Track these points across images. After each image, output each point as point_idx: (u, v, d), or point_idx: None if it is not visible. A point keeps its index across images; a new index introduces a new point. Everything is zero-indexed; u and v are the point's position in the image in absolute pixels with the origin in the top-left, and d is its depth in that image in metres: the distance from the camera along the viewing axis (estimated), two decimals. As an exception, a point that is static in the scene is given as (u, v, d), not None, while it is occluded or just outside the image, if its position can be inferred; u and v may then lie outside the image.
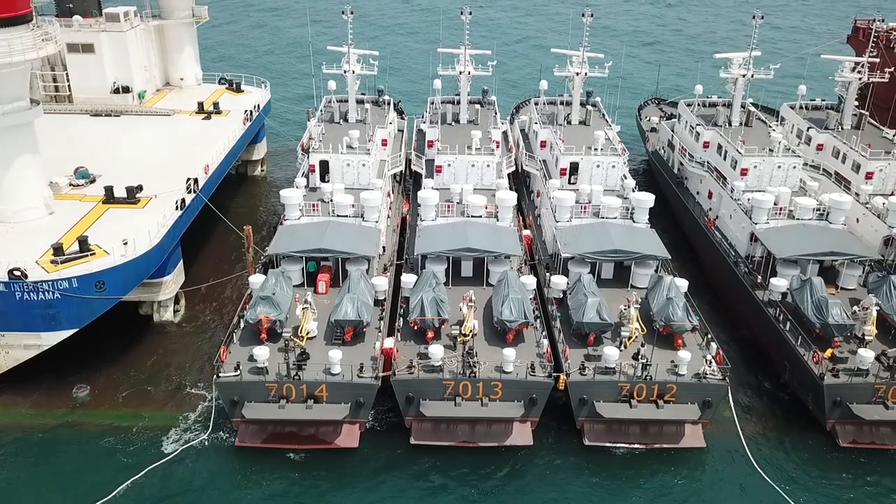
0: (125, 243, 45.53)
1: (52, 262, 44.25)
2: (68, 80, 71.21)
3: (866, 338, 44.88)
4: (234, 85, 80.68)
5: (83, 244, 45.39)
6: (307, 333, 43.43)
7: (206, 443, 42.19)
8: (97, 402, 45.43)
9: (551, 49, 72.00)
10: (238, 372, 40.99)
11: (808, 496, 39.77)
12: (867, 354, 42.26)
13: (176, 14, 77.87)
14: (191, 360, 49.21)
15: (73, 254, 44.91)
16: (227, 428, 42.86)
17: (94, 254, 45.40)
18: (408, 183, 69.47)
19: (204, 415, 44.23)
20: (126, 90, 73.00)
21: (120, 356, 48.95)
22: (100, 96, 71.89)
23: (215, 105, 73.55)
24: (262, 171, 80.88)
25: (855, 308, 46.50)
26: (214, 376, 41.00)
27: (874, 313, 45.20)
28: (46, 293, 43.00)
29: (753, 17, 65.71)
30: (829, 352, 43.76)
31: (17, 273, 42.43)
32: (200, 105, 72.41)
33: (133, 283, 46.83)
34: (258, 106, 75.36)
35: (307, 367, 41.17)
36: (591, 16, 65.68)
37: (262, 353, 41.00)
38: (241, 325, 44.61)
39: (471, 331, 43.68)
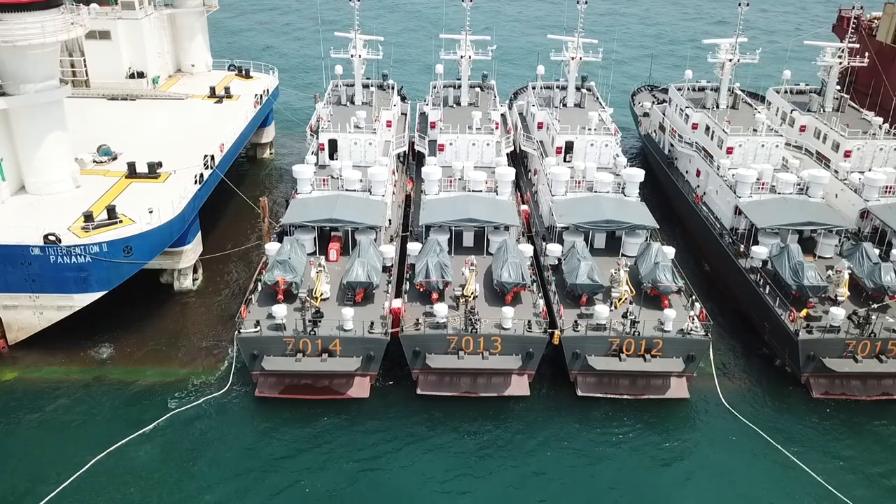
0: (150, 212, 48.89)
1: (83, 228, 47.58)
2: (86, 66, 74.32)
3: (839, 298, 48.35)
4: (243, 71, 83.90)
5: (111, 212, 48.75)
6: (321, 295, 46.71)
7: (227, 394, 45.54)
8: (122, 359, 48.68)
9: (548, 35, 75.39)
10: (258, 328, 44.33)
11: (784, 441, 43.05)
12: (839, 312, 45.70)
13: (187, 3, 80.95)
14: (210, 323, 52.60)
15: (102, 221, 48.23)
16: (246, 381, 46.22)
17: (121, 222, 48.74)
18: (411, 163, 72.84)
19: (224, 370, 47.60)
20: (141, 75, 76.05)
21: (143, 320, 52.25)
22: (116, 81, 74.96)
23: (226, 90, 76.87)
24: (271, 153, 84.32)
25: (829, 272, 50.00)
26: (236, 332, 44.31)
27: (846, 276, 48.72)
28: (79, 257, 46.27)
29: (739, 5, 69.21)
30: (804, 311, 47.26)
31: (52, 238, 45.74)
32: (212, 90, 75.60)
33: (158, 250, 50.19)
34: (267, 91, 78.68)
35: (322, 323, 44.54)
36: (586, 3, 69.00)
37: (279, 310, 44.33)
38: (259, 287, 47.97)
39: (472, 292, 47.08)
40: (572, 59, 70.11)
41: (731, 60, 69.50)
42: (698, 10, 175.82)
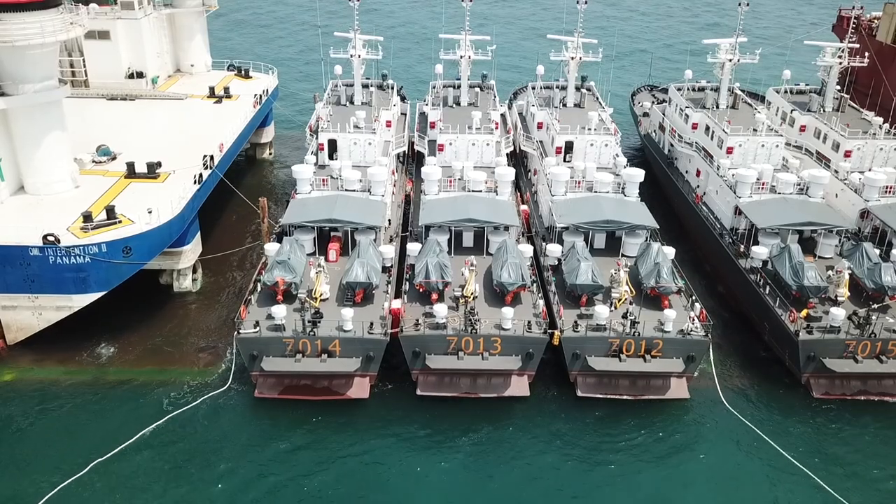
0: (150, 212, 48.81)
1: (83, 229, 47.49)
2: (85, 66, 74.18)
3: (839, 299, 48.27)
4: (243, 71, 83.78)
5: (110, 213, 48.68)
6: (320, 295, 46.58)
7: (226, 395, 45.45)
8: (121, 360, 48.61)
9: (548, 35, 75.30)
10: (257, 329, 44.24)
11: (784, 442, 43.02)
12: (839, 313, 45.63)
13: (187, 3, 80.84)
14: (209, 324, 52.52)
15: (101, 221, 48.14)
16: (245, 382, 46.11)
17: (120, 222, 48.66)
18: (410, 163, 72.77)
19: (223, 371, 47.55)
20: (140, 75, 75.98)
21: (142, 321, 52.14)
22: (115, 81, 74.86)
23: (226, 90, 76.78)
24: (270, 153, 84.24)
25: (829, 272, 49.93)
26: (235, 333, 44.23)
27: (846, 277, 48.66)
28: (78, 257, 46.18)
29: (739, 5, 69.17)
30: (804, 312, 47.20)
31: (50, 238, 45.65)
32: (211, 90, 75.51)
33: (157, 250, 50.11)
34: (266, 91, 78.61)
35: (321, 324, 44.44)
36: (586, 3, 68.91)
37: (279, 311, 44.25)
38: (259, 288, 47.90)
39: (472, 293, 46.98)
40: (572, 59, 70.04)
41: (730, 60, 69.47)
42: (698, 10, 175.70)
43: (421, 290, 47.62)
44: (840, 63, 70.22)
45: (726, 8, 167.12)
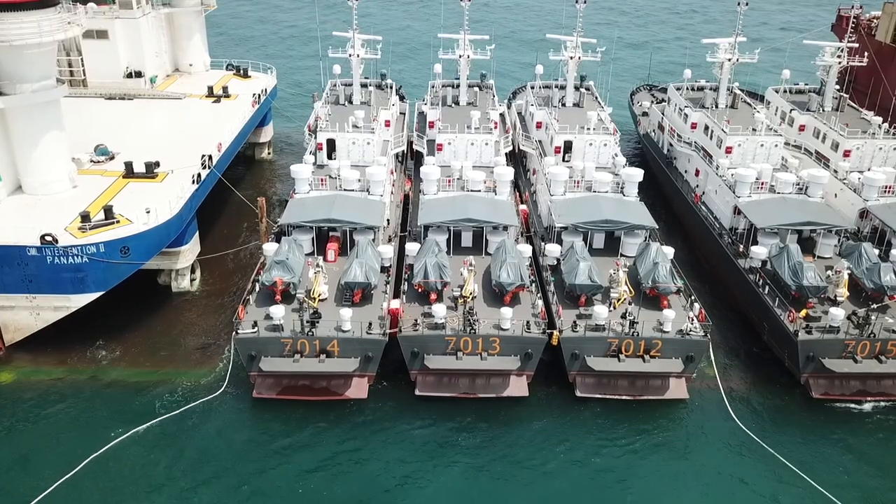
0: (148, 212, 48.71)
1: (80, 229, 47.38)
2: (83, 65, 74.09)
3: (838, 299, 48.21)
4: (242, 71, 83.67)
5: (108, 212, 48.57)
6: (319, 295, 46.47)
7: (224, 395, 45.33)
8: (119, 360, 48.42)
9: (547, 35, 75.20)
10: (255, 329, 44.12)
11: (783, 443, 42.93)
12: (838, 313, 45.55)
13: (185, 2, 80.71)
14: (207, 324, 52.40)
15: (99, 221, 48.04)
16: (243, 382, 46.01)
17: (118, 222, 48.56)
18: (409, 163, 72.69)
19: (221, 371, 47.38)
20: (138, 75, 75.89)
21: (141, 321, 52.03)
22: (113, 81, 74.75)
23: (224, 89, 76.59)
24: (269, 153, 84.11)
25: (828, 272, 49.88)
26: (233, 333, 44.11)
27: (846, 276, 48.61)
28: (76, 257, 46.06)
29: (738, 4, 69.10)
30: (803, 312, 47.12)
31: (48, 238, 45.54)
32: (210, 89, 75.40)
33: (155, 250, 50.01)
34: (265, 90, 78.52)
35: (319, 324, 44.36)
36: (585, 2, 68.84)
37: (277, 311, 44.15)
38: (257, 288, 47.80)
39: (471, 293, 46.89)
40: (571, 58, 69.94)
41: (730, 60, 69.43)
42: (697, 9, 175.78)
43: (420, 290, 47.55)
44: (839, 62, 70.20)
45: (715, 8, 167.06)
